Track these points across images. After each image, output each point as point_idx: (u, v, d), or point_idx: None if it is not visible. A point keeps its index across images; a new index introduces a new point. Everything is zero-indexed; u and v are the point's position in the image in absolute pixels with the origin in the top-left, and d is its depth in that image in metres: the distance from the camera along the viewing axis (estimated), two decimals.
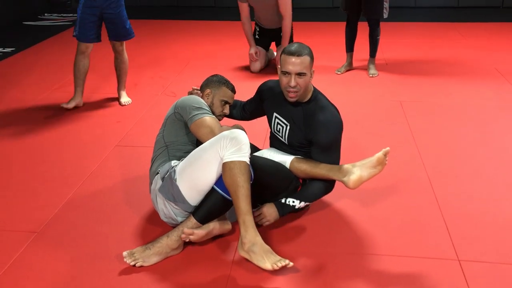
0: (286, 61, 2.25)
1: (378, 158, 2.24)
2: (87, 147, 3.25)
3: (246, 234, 2.05)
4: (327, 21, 6.68)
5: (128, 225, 2.42)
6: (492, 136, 3.34)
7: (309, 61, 2.26)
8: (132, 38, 3.84)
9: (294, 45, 2.27)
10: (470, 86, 4.24)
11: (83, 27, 3.59)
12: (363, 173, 2.25)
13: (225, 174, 2.08)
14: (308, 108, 2.35)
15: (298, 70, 2.23)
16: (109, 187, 2.78)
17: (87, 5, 3.56)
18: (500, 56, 5.04)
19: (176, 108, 2.41)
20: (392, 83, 4.34)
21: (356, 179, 2.24)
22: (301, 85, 2.26)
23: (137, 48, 5.44)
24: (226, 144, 2.08)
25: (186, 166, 2.17)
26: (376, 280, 2.05)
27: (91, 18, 3.59)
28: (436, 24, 6.43)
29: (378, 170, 2.27)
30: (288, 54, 2.25)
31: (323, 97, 2.40)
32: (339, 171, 2.28)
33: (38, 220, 2.47)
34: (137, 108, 3.88)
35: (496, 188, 2.71)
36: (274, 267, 1.99)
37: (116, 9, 3.62)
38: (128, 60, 3.91)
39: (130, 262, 2.11)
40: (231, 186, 2.06)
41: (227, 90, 2.54)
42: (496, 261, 2.14)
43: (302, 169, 2.34)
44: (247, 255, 2.05)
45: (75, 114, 3.75)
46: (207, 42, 5.76)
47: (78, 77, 3.76)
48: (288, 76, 2.25)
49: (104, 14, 3.61)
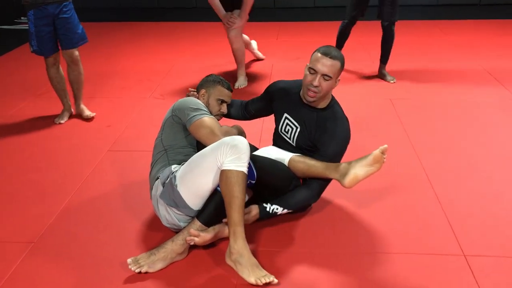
0: (317, 60, 2.24)
1: (374, 156, 2.18)
2: (79, 153, 3.17)
3: (235, 245, 2.05)
4: (309, 21, 6.69)
5: (128, 231, 2.37)
6: (483, 131, 3.38)
7: (339, 67, 2.25)
8: (105, 42, 3.67)
9: (330, 48, 2.26)
10: (456, 82, 4.29)
11: (41, 40, 3.35)
12: (359, 171, 2.19)
13: (222, 182, 2.06)
14: (322, 115, 2.34)
15: (326, 71, 2.21)
16: (105, 193, 2.71)
17: (38, 16, 3.29)
18: (482, 52, 5.12)
19: (174, 111, 2.37)
20: (381, 81, 4.36)
21: (352, 178, 2.19)
22: (323, 88, 2.24)
23: (120, 51, 5.36)
24: (226, 151, 2.05)
25: (187, 171, 2.14)
26: (384, 278, 2.05)
27: (47, 29, 3.34)
28: (418, 22, 6.50)
29: (376, 168, 2.20)
30: (321, 53, 2.23)
31: (339, 108, 2.39)
32: (335, 169, 2.24)
33: (34, 230, 2.39)
34: (127, 112, 3.80)
35: (494, 183, 2.75)
36: (257, 282, 1.99)
37: (68, 13, 3.39)
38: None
39: (135, 269, 2.07)
40: (226, 195, 2.05)
41: (223, 89, 2.50)
42: (502, 255, 2.16)
43: (300, 168, 2.31)
44: (233, 264, 2.06)
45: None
46: (191, 43, 5.70)
47: (60, 89, 3.59)
48: (314, 74, 2.24)
49: (57, 21, 3.36)
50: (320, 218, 2.46)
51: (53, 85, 3.58)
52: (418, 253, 2.19)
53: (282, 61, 4.98)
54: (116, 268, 2.12)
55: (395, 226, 2.39)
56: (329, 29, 6.22)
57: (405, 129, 3.40)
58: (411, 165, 2.94)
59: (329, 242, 2.28)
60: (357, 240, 2.30)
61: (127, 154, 3.15)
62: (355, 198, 2.59)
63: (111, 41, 5.77)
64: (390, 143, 3.19)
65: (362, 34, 5.96)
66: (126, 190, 2.73)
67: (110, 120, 3.66)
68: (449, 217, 2.44)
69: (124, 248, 2.25)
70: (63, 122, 3.60)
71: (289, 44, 5.62)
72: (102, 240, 2.32)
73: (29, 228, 2.40)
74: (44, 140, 3.36)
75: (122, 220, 2.47)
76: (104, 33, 3.96)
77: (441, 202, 2.56)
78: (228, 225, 2.08)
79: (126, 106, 3.92)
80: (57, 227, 2.42)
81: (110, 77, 4.54)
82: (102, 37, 4.02)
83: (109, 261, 2.17)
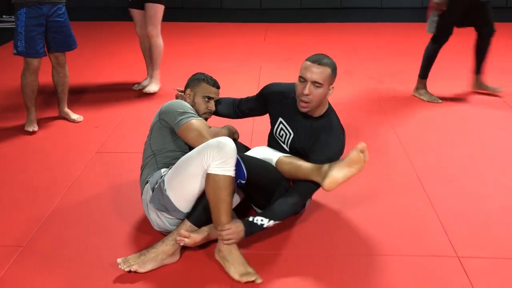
0: (306, 68, 2.19)
1: (352, 157, 2.09)
2: (67, 155, 3.11)
3: (224, 245, 2.07)
4: (295, 22, 6.71)
5: (118, 234, 2.33)
6: (473, 132, 3.41)
7: (329, 74, 2.19)
8: (91, 42, 3.55)
9: (319, 55, 2.22)
10: (444, 83, 4.33)
11: (31, 41, 3.18)
12: (338, 174, 2.10)
13: (208, 186, 2.04)
14: (317, 124, 2.29)
15: (315, 78, 2.16)
16: (95, 195, 2.67)
17: (31, 16, 3.15)
18: (467, 55, 5.17)
19: (161, 114, 2.34)
20: (369, 82, 4.38)
21: (330, 181, 2.10)
22: (314, 96, 2.19)
23: (106, 51, 5.29)
24: (213, 155, 2.02)
25: (174, 175, 2.11)
26: (379, 280, 2.05)
27: (38, 29, 3.20)
28: (403, 24, 6.57)
29: (356, 170, 2.11)
30: (311, 61, 2.19)
31: (335, 117, 2.34)
32: (317, 171, 2.17)
33: (23, 233, 2.34)
34: (114, 113, 3.75)
35: (485, 183, 2.77)
36: (242, 279, 2.02)
37: (63, 16, 3.30)
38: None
39: (125, 268, 2.05)
40: (213, 199, 2.03)
41: (208, 86, 2.46)
42: (495, 256, 2.18)
43: (286, 170, 2.27)
44: (221, 261, 2.10)
45: (50, 121, 3.59)
46: (177, 43, 5.66)
47: (33, 97, 3.37)
48: (304, 82, 2.19)
49: (49, 23, 3.24)
50: (312, 220, 2.45)
51: (26, 93, 3.34)
52: (411, 255, 2.19)
53: (271, 62, 4.98)
54: (106, 269, 2.09)
55: (388, 228, 2.39)
56: (317, 30, 6.25)
57: (395, 131, 3.42)
58: (402, 167, 2.96)
59: (321, 245, 2.27)
60: (349, 243, 2.29)
61: (116, 155, 3.11)
62: (347, 201, 2.59)
63: (96, 41, 5.70)
64: (380, 145, 3.22)
65: (348, 34, 6.00)
66: (115, 192, 2.69)
67: (98, 121, 3.61)
68: (441, 218, 2.45)
69: (114, 250, 2.21)
70: (36, 129, 3.40)
71: (277, 45, 5.62)
72: (92, 243, 2.28)
73: (18, 232, 2.35)
74: (31, 142, 3.29)
75: (112, 222, 2.43)
76: (90, 33, 3.91)
77: (433, 204, 2.57)
78: (216, 227, 2.07)
79: (114, 107, 3.86)
80: (47, 230, 2.37)
81: (96, 77, 4.48)
82: (88, 37, 3.97)
83: (99, 263, 2.13)
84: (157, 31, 4.01)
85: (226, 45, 5.62)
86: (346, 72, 4.64)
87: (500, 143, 3.26)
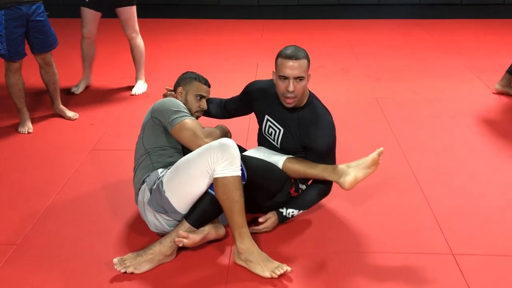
0: (283, 65, 2.16)
1: (373, 158, 2.22)
2: (61, 153, 3.10)
3: (242, 245, 2.06)
4: (293, 19, 6.69)
5: (113, 232, 2.33)
6: (468, 130, 3.40)
7: (306, 64, 2.19)
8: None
9: (290, 48, 2.19)
10: (441, 81, 4.32)
11: (12, 43, 3.12)
12: (358, 173, 2.23)
13: (218, 190, 2.03)
14: (303, 114, 2.30)
15: (297, 74, 2.15)
16: (89, 193, 2.66)
17: (10, 17, 3.06)
18: (465, 51, 5.18)
19: (153, 113, 2.31)
20: (366, 80, 4.37)
21: (352, 180, 2.22)
22: (298, 90, 2.19)
23: (102, 48, 5.27)
24: (217, 157, 2.01)
25: (174, 177, 2.09)
26: (375, 277, 2.04)
27: (19, 30, 3.13)
28: (401, 21, 6.55)
29: (372, 170, 2.25)
30: (285, 57, 2.16)
31: (319, 103, 2.34)
32: (333, 171, 2.25)
33: (17, 231, 2.33)
34: (110, 110, 3.74)
35: (480, 181, 2.77)
36: (272, 275, 2.01)
37: (42, 15, 3.24)
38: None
39: (121, 269, 2.03)
40: (225, 202, 2.03)
41: (200, 84, 2.45)
42: (490, 253, 2.18)
43: (295, 170, 2.29)
44: (244, 263, 2.07)
45: (44, 119, 3.58)
46: (177, 40, 5.64)
47: (20, 96, 3.33)
48: (286, 80, 2.17)
49: (30, 23, 3.18)
50: (307, 218, 2.44)
51: (13, 92, 3.31)
52: (406, 252, 2.19)
53: (268, 59, 4.94)
54: (102, 268, 2.08)
55: (383, 226, 2.38)
56: (314, 27, 6.23)
57: (391, 128, 3.41)
58: (398, 164, 2.95)
59: (315, 242, 2.27)
60: (343, 240, 2.29)
61: (111, 153, 3.10)
62: (343, 199, 2.58)
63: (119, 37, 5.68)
64: (377, 142, 3.20)
65: (346, 31, 5.98)
66: (110, 190, 2.68)
67: (93, 118, 3.60)
68: (437, 215, 2.44)
69: (109, 249, 2.21)
70: (31, 130, 3.37)
71: (274, 42, 5.59)
72: (86, 241, 2.27)
73: (11, 230, 2.34)
74: (26, 140, 3.28)
75: (106, 220, 2.42)
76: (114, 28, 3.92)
77: (429, 201, 2.57)
78: (232, 229, 2.07)
79: (109, 104, 3.85)
80: (41, 228, 2.36)
81: (102, 72, 4.44)
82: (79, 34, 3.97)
83: (94, 262, 2.12)
84: (136, 32, 4.00)
85: (223, 42, 5.60)
86: (343, 69, 4.63)
87: (498, 141, 3.25)
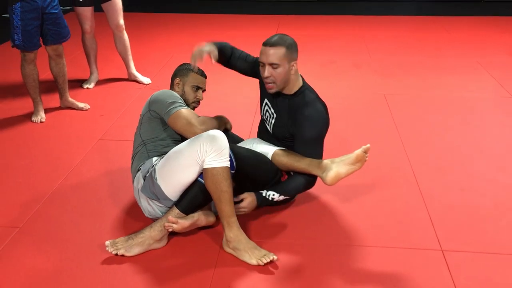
0: (261, 52, 2.25)
1: (357, 155, 2.21)
2: (70, 142, 3.21)
3: (230, 233, 2.11)
4: (311, 15, 6.69)
5: (111, 218, 2.41)
6: (474, 129, 3.38)
7: (283, 53, 2.21)
8: (101, 31, 3.51)
9: (274, 37, 2.25)
10: (453, 79, 4.28)
11: (28, 34, 3.23)
12: (341, 169, 2.22)
13: (208, 180, 2.09)
14: (294, 102, 2.34)
15: (270, 60, 2.21)
16: (93, 180, 2.75)
17: (26, 9, 3.18)
18: (481, 49, 5.10)
19: (150, 105, 2.39)
20: (376, 76, 4.36)
21: (334, 176, 2.21)
22: (275, 76, 2.24)
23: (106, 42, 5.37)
24: (206, 149, 2.07)
25: (165, 166, 2.17)
26: (361, 271, 2.07)
27: (34, 22, 3.24)
28: (420, 17, 6.49)
29: (358, 167, 2.24)
30: (264, 44, 2.24)
31: (311, 92, 2.36)
32: (318, 166, 2.26)
33: (21, 215, 2.43)
34: (121, 102, 3.84)
35: (478, 180, 2.75)
36: (259, 263, 2.06)
37: (57, 8, 3.34)
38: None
39: (112, 251, 2.12)
40: (214, 192, 2.09)
41: (197, 76, 2.53)
42: (478, 250, 2.18)
43: (283, 162, 2.33)
44: (232, 251, 2.13)
45: (57, 109, 3.70)
46: (190, 35, 5.72)
47: (35, 86, 3.44)
48: (263, 66, 2.25)
49: (45, 15, 3.29)
50: (303, 210, 2.48)
51: (28, 82, 3.42)
52: (395, 247, 2.21)
53: None
54: (95, 250, 2.17)
55: (375, 220, 2.40)
56: (329, 23, 6.22)
57: (396, 124, 3.41)
58: (398, 160, 2.95)
59: (306, 234, 2.30)
60: (335, 233, 2.32)
61: (117, 143, 3.19)
62: (340, 191, 2.61)
63: (106, 31, 5.81)
64: (379, 137, 3.22)
65: (362, 27, 5.96)
66: (112, 178, 2.76)
67: (104, 109, 3.70)
68: (430, 212, 2.45)
69: (104, 233, 2.29)
70: (44, 120, 3.48)
71: None
72: (84, 225, 2.36)
73: (16, 213, 2.45)
74: (37, 129, 3.40)
75: (105, 206, 2.51)
76: (98, 22, 4.01)
77: (424, 197, 2.57)
78: (221, 218, 2.13)
79: (121, 96, 3.95)
80: (43, 213, 2.46)
81: (104, 66, 4.55)
82: (97, 26, 4.06)
83: (88, 244, 2.21)
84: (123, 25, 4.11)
85: (237, 37, 5.64)
86: (354, 65, 4.63)
87: (502, 140, 3.22)
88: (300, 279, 2.02)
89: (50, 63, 3.56)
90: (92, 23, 3.99)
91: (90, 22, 3.97)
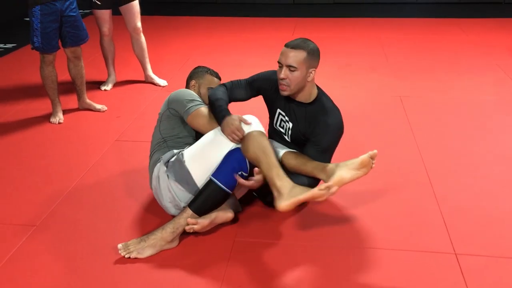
0: (281, 53, 2.26)
1: (362, 160, 2.16)
2: (87, 142, 3.26)
3: (282, 185, 2.08)
4: (328, 17, 6.68)
5: (126, 219, 2.44)
6: (491, 132, 3.33)
7: (304, 57, 2.22)
8: (120, 34, 3.56)
9: (297, 40, 2.27)
10: (470, 81, 4.23)
11: (47, 36, 3.29)
12: (346, 174, 2.16)
13: (245, 143, 2.13)
14: (311, 110, 2.34)
15: (288, 62, 2.22)
16: (108, 180, 2.79)
17: (45, 12, 3.24)
18: (501, 52, 5.03)
19: (169, 103, 2.43)
20: (392, 79, 4.34)
21: (337, 180, 2.15)
22: (291, 79, 2.24)
23: (125, 44, 5.44)
24: (239, 125, 2.16)
25: (198, 147, 2.23)
26: (373, 273, 2.06)
27: (53, 25, 3.30)
28: (438, 20, 6.42)
29: (363, 173, 2.18)
30: (286, 45, 2.26)
31: (328, 100, 2.37)
32: (323, 170, 2.24)
33: (38, 214, 2.48)
34: (138, 104, 3.89)
35: (494, 184, 2.72)
36: (325, 192, 2.05)
37: (75, 11, 3.41)
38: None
39: (125, 254, 2.14)
40: (257, 149, 2.11)
41: (212, 77, 2.57)
42: (492, 254, 2.15)
43: (292, 165, 2.33)
44: (293, 199, 2.04)
45: (75, 111, 3.75)
46: (208, 38, 5.76)
47: (54, 88, 3.51)
48: (281, 67, 2.26)
49: (64, 18, 3.35)
50: (312, 211, 2.48)
51: (47, 84, 3.48)
52: (408, 250, 2.19)
53: None
54: (109, 252, 2.19)
55: (388, 222, 2.39)
56: (346, 25, 6.20)
57: (411, 127, 3.38)
58: (413, 163, 2.93)
59: (319, 236, 2.30)
60: (347, 234, 2.31)
61: (133, 144, 3.23)
62: (351, 193, 2.60)
63: (123, 33, 5.88)
64: (394, 140, 3.20)
65: (379, 30, 5.93)
66: (128, 179, 2.80)
67: (121, 111, 3.75)
68: (444, 215, 2.43)
69: (118, 234, 2.31)
70: (62, 121, 3.54)
71: None
72: (99, 226, 2.39)
73: (32, 212, 2.50)
74: (55, 130, 3.46)
75: (121, 207, 2.54)
76: (116, 25, 4.07)
77: (438, 200, 2.55)
78: (267, 170, 2.10)
79: (138, 98, 4.00)
80: (59, 212, 2.50)
81: (121, 68, 4.60)
82: (115, 29, 4.13)
83: (102, 246, 2.24)
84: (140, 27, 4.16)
85: (254, 39, 5.67)
86: (371, 67, 4.61)
87: None
88: (312, 280, 2.02)
89: (69, 65, 3.61)
90: (110, 26, 4.05)
91: (108, 24, 4.02)
